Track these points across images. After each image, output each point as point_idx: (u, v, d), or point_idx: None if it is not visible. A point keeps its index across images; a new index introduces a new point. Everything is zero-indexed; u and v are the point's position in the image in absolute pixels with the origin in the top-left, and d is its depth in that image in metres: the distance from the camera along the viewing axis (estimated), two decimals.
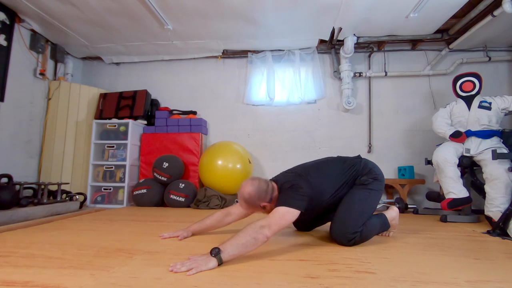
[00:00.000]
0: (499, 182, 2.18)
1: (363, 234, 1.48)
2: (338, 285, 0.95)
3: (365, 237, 1.51)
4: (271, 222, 1.21)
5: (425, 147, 3.35)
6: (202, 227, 1.62)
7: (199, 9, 2.78)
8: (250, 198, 1.39)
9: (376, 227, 1.59)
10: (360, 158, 1.66)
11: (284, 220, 1.27)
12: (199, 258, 1.11)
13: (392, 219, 1.71)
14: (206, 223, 1.61)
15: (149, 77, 3.98)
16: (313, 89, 3.61)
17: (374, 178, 1.57)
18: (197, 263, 1.07)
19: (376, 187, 1.57)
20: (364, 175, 1.56)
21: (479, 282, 1.00)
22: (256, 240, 1.15)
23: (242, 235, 1.15)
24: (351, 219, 1.46)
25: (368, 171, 1.58)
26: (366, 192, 1.53)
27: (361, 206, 1.50)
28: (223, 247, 1.11)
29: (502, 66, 3.39)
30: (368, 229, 1.51)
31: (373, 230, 1.56)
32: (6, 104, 2.91)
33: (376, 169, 1.63)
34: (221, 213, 1.61)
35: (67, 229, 1.85)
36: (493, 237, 1.81)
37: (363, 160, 1.65)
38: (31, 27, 3.12)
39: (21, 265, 1.11)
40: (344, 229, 1.46)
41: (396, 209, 1.77)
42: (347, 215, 1.47)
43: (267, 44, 3.54)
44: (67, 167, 3.36)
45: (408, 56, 3.56)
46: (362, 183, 1.54)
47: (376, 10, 2.75)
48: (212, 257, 1.08)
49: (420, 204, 3.30)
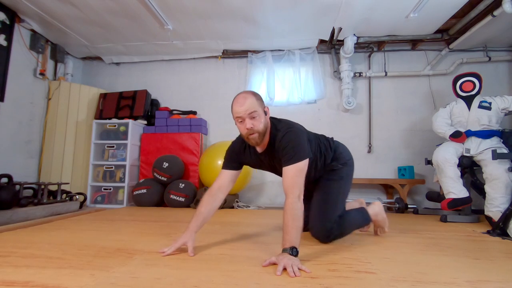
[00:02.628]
0: (499, 182, 2.18)
1: (342, 227, 1.49)
2: (338, 285, 0.95)
3: (344, 231, 1.52)
4: (293, 190, 1.22)
5: (425, 147, 3.35)
6: (201, 221, 1.40)
7: (199, 9, 2.78)
8: (258, 96, 1.34)
9: (356, 221, 1.59)
10: (332, 140, 1.68)
11: (300, 177, 1.27)
12: (287, 258, 1.08)
13: (376, 215, 1.70)
14: (203, 214, 1.40)
15: (149, 77, 3.98)
16: (313, 89, 3.61)
17: (344, 164, 1.60)
18: (292, 261, 1.07)
19: (346, 173, 1.60)
20: (334, 160, 1.59)
21: (479, 282, 1.00)
22: (299, 214, 1.18)
23: (291, 222, 1.16)
24: (326, 213, 1.48)
25: (338, 155, 1.60)
26: (337, 182, 1.57)
27: (335, 198, 1.53)
28: (293, 243, 1.13)
29: (502, 66, 3.39)
30: (347, 223, 1.52)
31: (352, 224, 1.56)
32: (6, 104, 2.91)
33: (346, 154, 1.66)
34: (210, 196, 1.44)
35: (67, 229, 1.85)
36: (493, 237, 1.81)
37: (335, 142, 1.67)
38: (31, 27, 3.12)
39: (21, 265, 1.11)
40: (320, 224, 1.47)
41: (379, 204, 1.74)
42: (322, 210, 1.49)
43: (267, 44, 3.54)
44: (67, 167, 3.36)
45: (408, 56, 3.56)
46: (332, 169, 1.58)
47: (376, 10, 2.75)
48: (296, 257, 1.10)
49: (420, 204, 3.30)
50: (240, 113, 1.29)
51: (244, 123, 1.30)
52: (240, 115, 1.30)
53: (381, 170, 3.46)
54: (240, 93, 1.36)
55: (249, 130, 1.30)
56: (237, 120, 1.33)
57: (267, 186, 3.60)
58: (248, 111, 1.28)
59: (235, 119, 1.34)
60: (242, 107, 1.29)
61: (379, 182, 3.23)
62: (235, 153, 1.53)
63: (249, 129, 1.30)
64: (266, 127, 1.35)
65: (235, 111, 1.31)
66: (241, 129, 1.33)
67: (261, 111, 1.32)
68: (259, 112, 1.31)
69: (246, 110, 1.28)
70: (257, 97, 1.34)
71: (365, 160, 3.50)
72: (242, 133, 1.36)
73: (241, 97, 1.31)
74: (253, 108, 1.29)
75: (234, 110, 1.32)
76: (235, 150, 1.53)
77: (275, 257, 1.12)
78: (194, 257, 1.23)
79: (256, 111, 1.30)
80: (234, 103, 1.33)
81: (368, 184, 3.43)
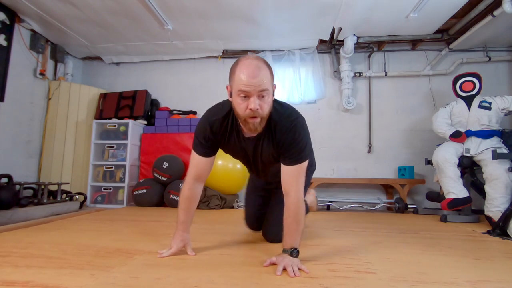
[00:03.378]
0: (499, 182, 2.18)
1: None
2: (338, 285, 0.95)
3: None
4: (298, 191, 1.11)
5: (425, 147, 3.35)
6: (189, 220, 1.28)
7: (199, 9, 2.78)
8: (271, 69, 1.06)
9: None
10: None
11: (304, 176, 1.15)
12: (287, 258, 1.06)
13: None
14: (190, 213, 1.27)
15: (149, 77, 3.98)
16: (313, 89, 3.61)
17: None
18: (292, 261, 1.05)
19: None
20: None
21: (479, 282, 1.00)
22: (303, 217, 1.13)
23: (294, 225, 1.10)
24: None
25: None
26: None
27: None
28: (294, 244, 1.10)
29: (502, 66, 3.39)
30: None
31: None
32: (6, 104, 2.91)
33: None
34: (191, 191, 1.23)
35: (67, 229, 1.85)
36: (493, 237, 1.81)
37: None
38: (31, 27, 3.12)
39: (21, 265, 1.11)
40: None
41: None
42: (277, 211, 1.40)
43: (267, 44, 3.54)
44: (67, 167, 3.35)
45: (408, 56, 3.56)
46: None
47: (376, 10, 2.75)
48: (296, 258, 1.09)
49: (420, 204, 3.29)
50: (249, 87, 0.98)
51: (248, 101, 1.00)
52: (247, 89, 0.98)
53: (381, 170, 3.46)
54: (248, 57, 1.03)
55: (253, 111, 1.00)
56: (239, 94, 1.00)
57: None
58: (260, 87, 0.98)
59: (236, 92, 1.01)
60: (254, 79, 0.97)
61: (379, 182, 3.23)
62: (213, 134, 1.18)
63: (253, 110, 0.99)
64: (270, 111, 1.07)
65: (242, 81, 0.98)
66: (241, 106, 1.02)
67: (271, 91, 1.04)
68: (269, 91, 1.02)
69: (258, 86, 0.98)
70: (270, 71, 1.05)
71: (365, 160, 3.50)
72: (239, 111, 1.03)
73: (254, 66, 0.99)
74: (265, 85, 1.00)
75: (239, 79, 0.99)
76: (214, 130, 1.17)
77: (275, 257, 1.12)
78: (194, 257, 1.23)
79: (268, 90, 1.01)
80: (241, 68, 1.00)
81: (368, 184, 3.43)
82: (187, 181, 1.25)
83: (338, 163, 3.53)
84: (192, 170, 1.24)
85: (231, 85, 1.06)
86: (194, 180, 1.24)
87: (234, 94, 1.03)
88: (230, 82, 1.07)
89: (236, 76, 1.00)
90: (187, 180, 1.25)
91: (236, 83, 1.01)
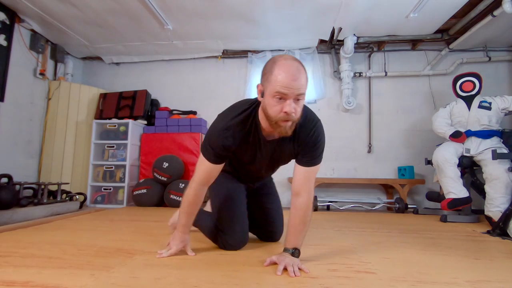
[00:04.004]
0: (499, 182, 2.18)
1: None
2: (338, 285, 0.95)
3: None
4: (310, 192, 1.14)
5: (425, 147, 3.35)
6: (191, 222, 1.26)
7: (199, 9, 2.78)
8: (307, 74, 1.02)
9: None
10: None
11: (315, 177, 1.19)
12: (288, 258, 1.08)
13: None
14: (192, 215, 1.24)
15: (149, 77, 3.98)
16: (313, 89, 3.61)
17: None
18: (293, 261, 1.07)
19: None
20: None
21: (479, 282, 1.00)
22: (310, 219, 1.16)
23: (301, 226, 1.13)
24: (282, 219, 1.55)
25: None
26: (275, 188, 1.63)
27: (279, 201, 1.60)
28: (297, 245, 1.13)
29: (502, 66, 3.39)
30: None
31: None
32: (6, 104, 2.91)
33: None
34: (197, 197, 1.19)
35: (67, 229, 1.85)
36: (493, 237, 1.81)
37: None
38: (31, 27, 3.12)
39: (21, 265, 1.11)
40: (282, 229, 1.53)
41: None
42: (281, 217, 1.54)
43: (267, 44, 3.54)
44: (67, 167, 3.35)
45: (408, 56, 3.56)
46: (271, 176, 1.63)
47: (376, 10, 2.75)
48: (297, 258, 1.11)
49: (420, 204, 3.29)
50: (288, 89, 0.93)
51: (284, 103, 0.96)
52: (286, 91, 0.94)
53: (381, 170, 3.46)
54: (286, 57, 0.98)
55: (288, 115, 0.96)
56: (275, 95, 0.95)
57: None
58: (298, 90, 0.95)
59: (272, 93, 0.96)
60: (294, 82, 0.93)
61: (379, 182, 3.23)
62: (234, 141, 1.11)
63: (289, 113, 0.96)
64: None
65: (281, 83, 0.93)
66: (275, 108, 0.97)
67: (305, 96, 1.01)
68: (305, 95, 1.00)
69: (297, 89, 0.94)
70: (307, 76, 1.00)
71: (365, 160, 3.50)
72: (272, 114, 0.98)
73: (295, 68, 0.95)
74: (303, 89, 0.97)
75: (278, 80, 0.94)
76: (234, 137, 1.10)
77: (276, 257, 1.12)
78: (194, 257, 1.23)
79: (304, 94, 0.98)
80: (281, 68, 0.95)
81: (368, 184, 3.43)
82: (193, 186, 1.18)
83: (338, 163, 3.53)
84: (201, 176, 1.17)
85: (264, 84, 1.01)
86: (201, 185, 1.19)
87: (268, 95, 0.98)
88: (263, 81, 1.02)
89: (274, 76, 0.95)
90: (193, 185, 1.18)
91: (273, 84, 0.95)
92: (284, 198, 3.52)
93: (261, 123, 1.11)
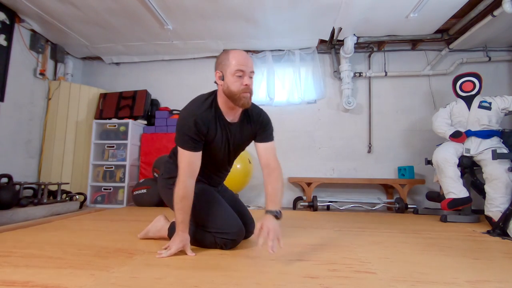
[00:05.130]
0: (499, 182, 2.18)
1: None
2: (338, 285, 0.95)
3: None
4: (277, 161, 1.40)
5: (425, 147, 3.35)
6: (187, 217, 1.27)
7: (199, 9, 2.78)
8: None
9: None
10: None
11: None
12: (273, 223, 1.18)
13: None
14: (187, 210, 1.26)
15: (149, 77, 3.98)
16: (313, 89, 3.61)
17: None
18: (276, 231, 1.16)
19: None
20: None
21: (479, 282, 1.00)
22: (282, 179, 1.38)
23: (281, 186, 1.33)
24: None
25: None
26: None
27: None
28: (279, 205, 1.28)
29: (502, 66, 3.39)
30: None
31: None
32: (6, 104, 2.91)
33: None
34: (184, 188, 1.23)
35: (67, 229, 1.85)
36: (493, 237, 1.81)
37: None
38: (31, 27, 3.12)
39: (21, 265, 1.11)
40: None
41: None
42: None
43: (267, 44, 3.54)
44: (67, 167, 3.36)
45: (408, 56, 3.56)
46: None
47: (376, 10, 2.75)
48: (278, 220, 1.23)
49: (420, 204, 3.30)
50: (245, 66, 1.20)
51: (243, 79, 1.21)
52: (243, 68, 1.20)
53: (381, 170, 3.46)
54: (236, 49, 1.26)
55: (247, 87, 1.21)
56: (236, 73, 1.20)
57: None
58: (251, 68, 1.23)
59: (232, 72, 1.20)
60: (248, 61, 1.22)
61: (379, 182, 3.23)
62: (204, 125, 1.25)
63: (248, 85, 1.22)
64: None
65: (239, 62, 1.20)
66: (237, 83, 1.21)
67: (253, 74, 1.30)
68: (253, 74, 1.28)
69: (250, 66, 1.23)
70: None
71: (365, 160, 3.50)
72: (235, 88, 1.21)
73: (245, 53, 1.24)
74: (253, 69, 1.26)
75: (236, 60, 1.20)
76: (203, 122, 1.25)
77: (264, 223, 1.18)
78: (194, 257, 1.23)
79: (253, 73, 1.27)
80: (236, 54, 1.22)
81: (368, 184, 3.43)
82: (181, 180, 1.24)
83: (338, 163, 3.53)
84: (185, 169, 1.25)
85: (223, 69, 1.24)
86: (187, 177, 1.25)
87: (229, 75, 1.22)
88: (221, 68, 1.25)
89: (231, 60, 1.21)
90: (181, 179, 1.24)
91: (232, 66, 1.21)
92: (284, 198, 3.56)
93: (222, 109, 1.32)
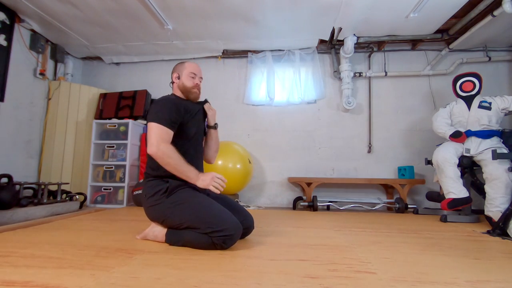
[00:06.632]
0: (499, 182, 2.18)
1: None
2: (338, 285, 0.95)
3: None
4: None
5: (425, 147, 3.35)
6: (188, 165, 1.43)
7: (199, 9, 2.78)
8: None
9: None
10: None
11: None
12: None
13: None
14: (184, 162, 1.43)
15: (149, 77, 3.98)
16: (313, 89, 3.61)
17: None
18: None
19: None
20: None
21: (479, 282, 1.00)
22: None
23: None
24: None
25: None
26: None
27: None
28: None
29: (502, 66, 3.39)
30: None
31: None
32: (6, 104, 2.91)
33: None
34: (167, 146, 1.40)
35: (67, 229, 1.85)
36: (493, 237, 1.81)
37: None
38: (31, 27, 3.12)
39: (21, 265, 1.11)
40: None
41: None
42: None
43: (267, 44, 3.54)
44: (67, 167, 3.36)
45: (408, 56, 3.56)
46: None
47: (376, 10, 2.75)
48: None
49: (420, 204, 3.30)
50: (196, 71, 1.64)
51: (195, 79, 1.63)
52: (196, 72, 1.64)
53: (381, 170, 3.46)
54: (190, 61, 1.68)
55: (197, 85, 1.64)
56: (190, 75, 1.61)
57: (267, 186, 3.60)
58: (200, 73, 1.68)
59: (187, 74, 1.61)
60: (199, 69, 1.67)
61: (379, 182, 3.23)
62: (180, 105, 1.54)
63: (198, 84, 1.65)
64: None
65: (193, 68, 1.63)
66: (191, 82, 1.62)
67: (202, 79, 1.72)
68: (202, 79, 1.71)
69: (200, 72, 1.67)
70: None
71: (365, 160, 3.50)
72: (189, 84, 1.62)
73: (197, 65, 1.69)
74: (202, 75, 1.70)
75: (190, 67, 1.63)
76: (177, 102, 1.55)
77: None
78: (194, 257, 1.23)
79: (202, 78, 1.70)
80: (189, 63, 1.66)
81: (368, 184, 3.43)
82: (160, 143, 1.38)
83: (338, 163, 3.53)
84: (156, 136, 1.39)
85: (180, 72, 1.65)
86: (162, 142, 1.39)
87: (184, 75, 1.63)
88: (178, 71, 1.66)
89: (186, 66, 1.65)
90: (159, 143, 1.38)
91: (187, 70, 1.63)
92: (285, 198, 3.56)
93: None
